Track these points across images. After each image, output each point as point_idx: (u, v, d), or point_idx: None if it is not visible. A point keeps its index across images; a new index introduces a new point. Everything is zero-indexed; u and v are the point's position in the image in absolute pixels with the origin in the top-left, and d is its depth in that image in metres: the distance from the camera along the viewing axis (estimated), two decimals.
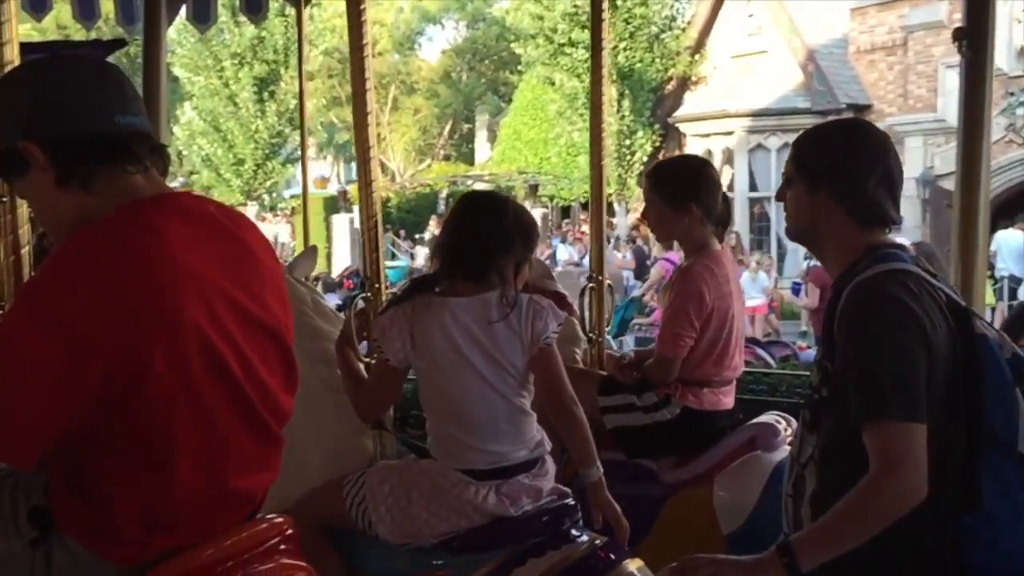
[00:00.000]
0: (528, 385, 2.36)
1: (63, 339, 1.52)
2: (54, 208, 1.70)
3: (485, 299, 2.31)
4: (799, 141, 2.15)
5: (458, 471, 2.31)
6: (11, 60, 2.00)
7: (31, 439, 1.56)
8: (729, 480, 3.14)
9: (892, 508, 1.81)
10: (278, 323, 1.79)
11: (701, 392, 3.19)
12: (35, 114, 1.64)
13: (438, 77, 25.84)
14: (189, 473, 1.66)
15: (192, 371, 1.61)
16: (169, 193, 1.73)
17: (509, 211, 2.38)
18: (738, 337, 3.25)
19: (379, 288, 2.78)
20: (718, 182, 3.26)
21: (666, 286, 3.35)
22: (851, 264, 2.01)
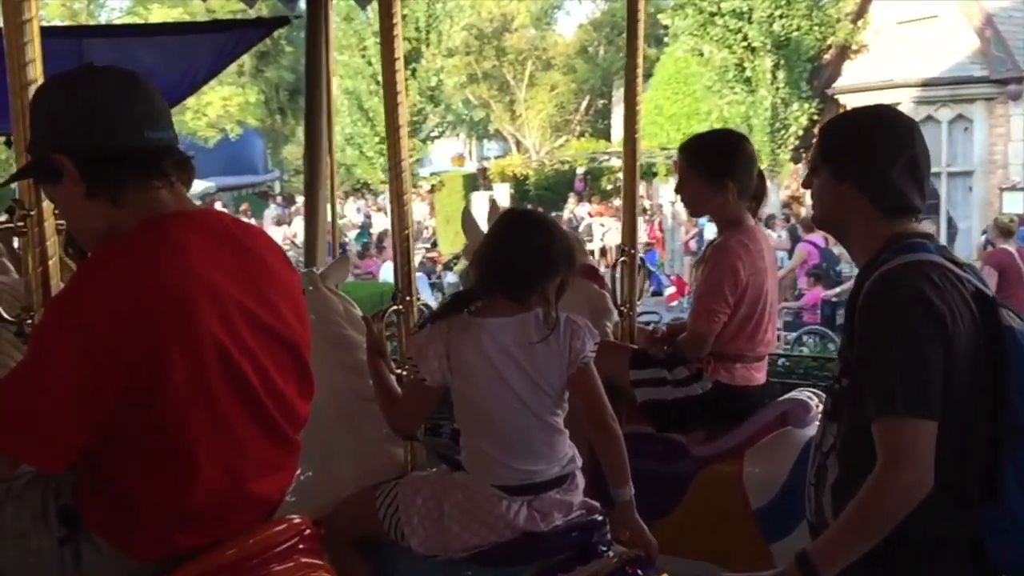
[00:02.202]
0: (563, 403, 2.42)
1: (89, 348, 1.63)
2: (83, 217, 1.83)
3: (524, 319, 2.37)
4: (825, 128, 2.21)
5: (491, 486, 2.38)
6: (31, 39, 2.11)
7: (60, 443, 1.68)
8: (759, 455, 3.26)
9: (899, 504, 1.87)
10: (292, 333, 1.89)
11: (733, 367, 3.30)
12: (68, 127, 1.76)
13: (575, 52, 25.93)
14: (208, 475, 1.76)
15: (210, 378, 1.72)
16: (190, 209, 1.84)
17: (557, 233, 2.43)
18: (772, 312, 3.34)
19: (411, 300, 2.85)
20: (754, 157, 3.35)
21: (699, 261, 3.48)
22: (875, 254, 2.05)
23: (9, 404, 1.67)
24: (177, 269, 1.71)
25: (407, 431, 2.69)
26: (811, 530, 2.16)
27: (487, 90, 25.18)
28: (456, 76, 25.64)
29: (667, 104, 23.25)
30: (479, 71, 25.48)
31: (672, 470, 3.35)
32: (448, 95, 26.12)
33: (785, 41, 19.89)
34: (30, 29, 2.05)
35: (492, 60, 24.22)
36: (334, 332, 2.77)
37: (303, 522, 2.02)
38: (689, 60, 21.78)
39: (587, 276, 3.24)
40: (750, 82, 20.37)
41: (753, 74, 20.28)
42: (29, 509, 1.91)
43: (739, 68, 20.40)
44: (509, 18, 25.67)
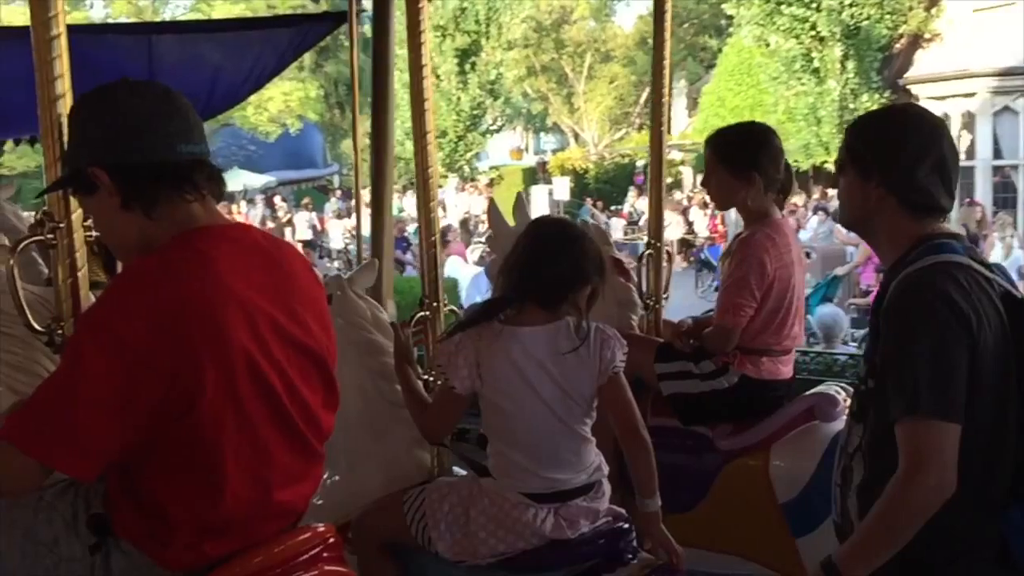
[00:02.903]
0: (592, 413, 2.45)
1: (123, 361, 1.68)
2: (117, 229, 1.88)
3: (555, 328, 2.40)
4: (851, 127, 2.20)
5: (518, 493, 2.41)
6: (59, 54, 2.17)
7: (94, 453, 1.72)
8: (786, 449, 3.29)
9: (921, 506, 1.88)
10: (319, 345, 1.94)
11: (760, 361, 3.33)
12: (104, 141, 1.81)
13: (634, 44, 25.83)
14: (237, 485, 1.82)
15: (239, 391, 1.77)
16: (221, 223, 1.90)
17: (588, 242, 2.45)
18: (799, 306, 3.36)
19: (437, 307, 2.86)
20: (781, 150, 3.37)
21: (725, 254, 3.51)
22: (902, 254, 2.06)
23: (43, 413, 1.72)
24: (209, 283, 1.76)
25: (437, 437, 2.73)
26: (837, 530, 2.18)
27: (545, 83, 25.23)
28: (515, 69, 25.71)
29: (730, 96, 23.03)
30: (537, 64, 25.55)
31: (698, 464, 3.39)
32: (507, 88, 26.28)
33: (855, 30, 19.59)
34: (58, 44, 2.11)
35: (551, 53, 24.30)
36: (361, 337, 2.82)
37: (327, 530, 2.08)
38: (753, 51, 21.55)
39: (614, 269, 3.26)
40: (818, 72, 20.10)
41: (821, 64, 20.01)
42: (60, 518, 1.97)
43: (807, 58, 20.13)
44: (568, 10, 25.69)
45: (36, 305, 2.28)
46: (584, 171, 23.62)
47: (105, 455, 1.74)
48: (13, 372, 2.46)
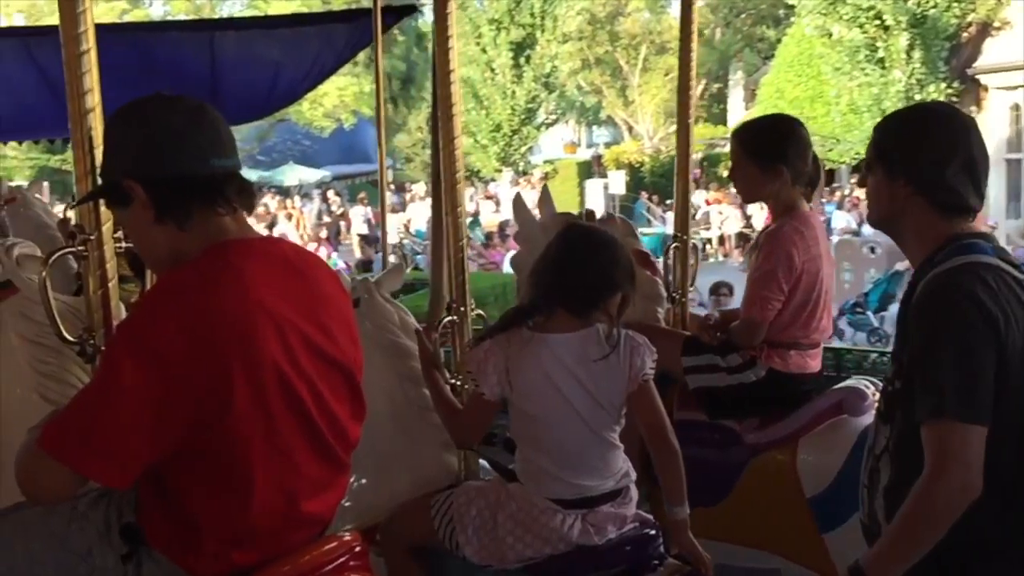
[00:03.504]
0: (621, 420, 2.47)
1: (156, 372, 1.72)
2: (150, 241, 1.93)
3: (585, 336, 2.41)
4: (879, 126, 2.20)
5: (546, 499, 2.44)
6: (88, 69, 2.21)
7: (127, 463, 1.77)
8: (814, 444, 3.29)
9: (947, 508, 1.89)
10: (347, 358, 1.98)
11: (788, 354, 3.34)
12: (139, 155, 1.86)
13: None
14: (265, 495, 1.86)
15: (269, 403, 1.81)
16: (252, 237, 1.95)
17: (619, 250, 2.47)
18: (827, 300, 3.36)
19: (465, 311, 2.90)
20: (808, 143, 3.37)
21: (752, 248, 3.52)
22: (930, 254, 2.06)
23: (77, 423, 1.77)
24: (241, 298, 1.80)
25: (468, 443, 2.77)
26: (864, 531, 2.20)
27: (599, 76, 25.19)
28: (570, 62, 25.72)
29: (789, 87, 22.76)
30: (591, 56, 25.52)
31: (724, 457, 3.40)
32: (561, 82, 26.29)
33: (921, 18, 19.29)
34: (88, 59, 2.17)
35: (605, 45, 24.26)
36: (389, 340, 2.87)
37: (353, 539, 2.13)
38: (814, 41, 21.28)
39: (640, 262, 3.26)
40: (883, 62, 19.82)
41: (886, 54, 19.72)
42: (93, 527, 2.01)
43: (871, 48, 19.86)
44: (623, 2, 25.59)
45: (67, 315, 2.35)
46: (639, 165, 23.55)
47: (138, 464, 1.78)
48: (46, 381, 2.55)
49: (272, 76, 6.94)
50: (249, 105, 7.09)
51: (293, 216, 22.71)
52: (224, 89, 6.89)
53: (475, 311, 2.91)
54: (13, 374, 2.60)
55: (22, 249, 2.66)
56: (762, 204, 4.14)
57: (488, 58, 24.80)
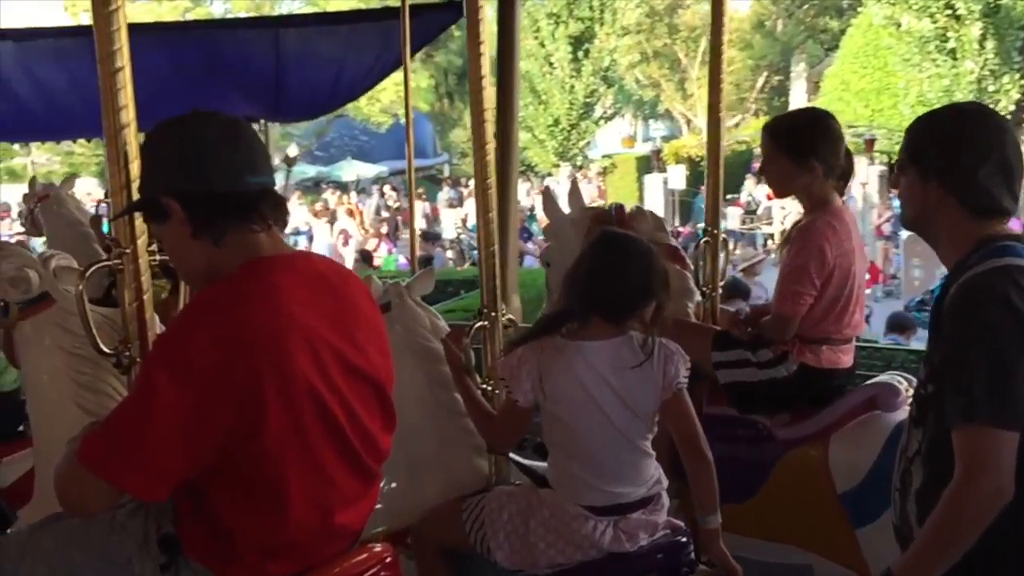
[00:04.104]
0: (653, 427, 2.51)
1: (192, 389, 1.77)
2: (187, 255, 1.98)
3: (620, 343, 2.45)
4: (912, 127, 2.21)
5: (578, 505, 2.48)
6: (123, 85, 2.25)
7: (162, 477, 1.82)
8: (846, 439, 3.28)
9: (978, 513, 1.89)
10: (377, 371, 2.04)
11: (819, 350, 3.34)
12: (176, 172, 1.92)
13: (751, 27, 25.32)
14: (300, 509, 1.92)
15: (302, 419, 1.86)
16: (285, 253, 2.00)
17: (654, 257, 2.49)
18: (859, 294, 3.35)
19: (496, 316, 2.92)
20: (840, 136, 3.36)
21: (783, 242, 3.52)
22: (963, 257, 2.06)
23: (114, 438, 1.83)
24: (275, 315, 1.85)
25: (503, 449, 2.81)
26: (896, 533, 2.22)
27: (658, 69, 25.03)
28: (628, 55, 25.61)
29: (854, 79, 22.41)
30: (649, 50, 25.38)
31: (755, 453, 3.42)
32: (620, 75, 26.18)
33: (995, 8, 18.91)
34: (123, 77, 2.22)
35: (664, 38, 24.10)
36: (419, 345, 2.91)
37: (384, 550, 2.20)
38: (881, 31, 20.93)
39: (669, 256, 3.27)
40: (954, 53, 19.45)
41: (958, 44, 19.35)
42: (132, 538, 2.07)
43: (942, 38, 19.48)
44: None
45: (104, 326, 2.43)
46: (699, 159, 23.30)
47: (172, 478, 1.83)
48: (83, 391, 2.65)
49: (335, 73, 7.04)
50: (312, 102, 7.21)
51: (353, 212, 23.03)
52: (288, 86, 7.13)
53: (506, 315, 2.95)
54: (52, 384, 2.70)
55: (59, 261, 2.76)
56: None
57: (546, 52, 24.80)
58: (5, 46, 6.46)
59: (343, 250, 19.96)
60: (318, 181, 29.32)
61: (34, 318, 2.73)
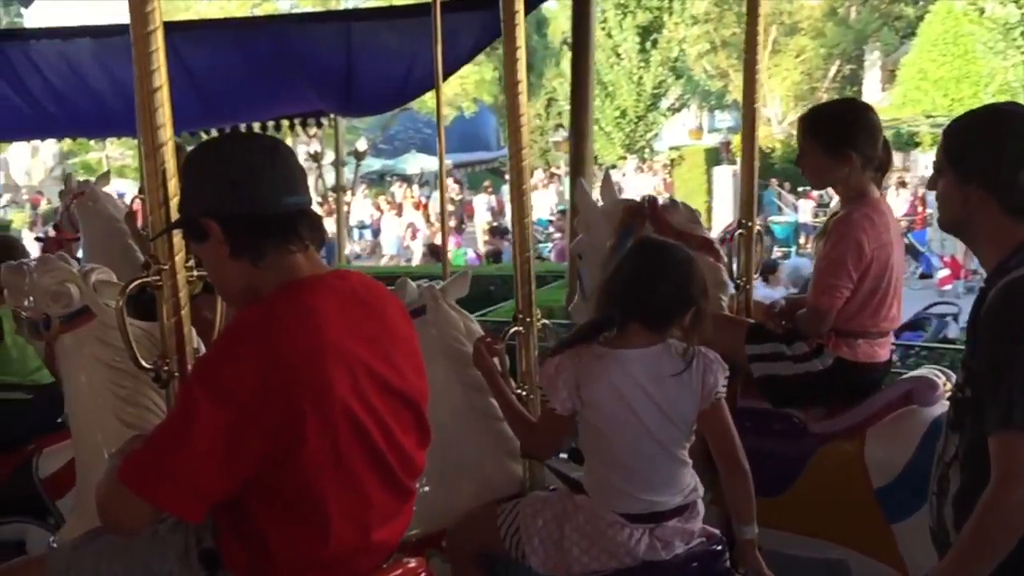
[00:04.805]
0: (691, 436, 2.53)
1: (231, 411, 1.81)
2: (225, 275, 2.03)
3: (658, 352, 2.47)
4: (949, 129, 2.19)
5: (613, 512, 2.51)
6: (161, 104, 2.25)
7: (201, 497, 1.86)
8: (882, 434, 3.29)
9: (1014, 521, 1.90)
10: (412, 389, 2.08)
11: (856, 343, 3.34)
12: (216, 194, 1.96)
13: (823, 14, 24.84)
14: (338, 527, 1.96)
15: (339, 439, 1.90)
16: (322, 273, 2.03)
17: (693, 264, 2.51)
18: (897, 287, 3.34)
19: (531, 321, 2.95)
20: (878, 127, 3.35)
21: (820, 234, 3.52)
22: (1003, 260, 2.05)
23: (155, 458, 1.87)
24: (312, 338, 1.89)
25: (543, 458, 2.84)
26: (932, 537, 2.22)
27: (725, 59, 24.71)
28: (697, 45, 25.36)
29: (932, 67, 21.89)
30: (718, 39, 25.07)
31: (789, 447, 3.42)
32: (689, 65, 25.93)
33: None
34: (160, 96, 2.24)
35: (733, 27, 23.76)
36: (454, 348, 2.94)
37: (419, 564, 2.25)
38: (961, 18, 20.42)
39: (703, 249, 3.32)
40: None
41: None
42: (173, 551, 2.13)
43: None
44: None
45: (143, 340, 2.48)
46: (770, 151, 22.98)
47: (211, 498, 1.88)
48: (122, 404, 2.74)
49: (407, 66, 7.06)
50: (383, 96, 7.21)
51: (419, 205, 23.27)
52: (359, 80, 7.16)
53: (540, 320, 2.97)
54: (91, 397, 2.79)
55: (99, 275, 2.85)
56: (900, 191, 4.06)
57: (614, 43, 24.68)
58: (83, 43, 6.68)
59: (411, 243, 20.20)
60: (383, 174, 29.70)
61: (75, 331, 2.81)
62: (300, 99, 8.35)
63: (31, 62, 7.53)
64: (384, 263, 19.77)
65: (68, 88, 7.16)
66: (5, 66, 7.66)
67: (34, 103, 7.74)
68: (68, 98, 7.23)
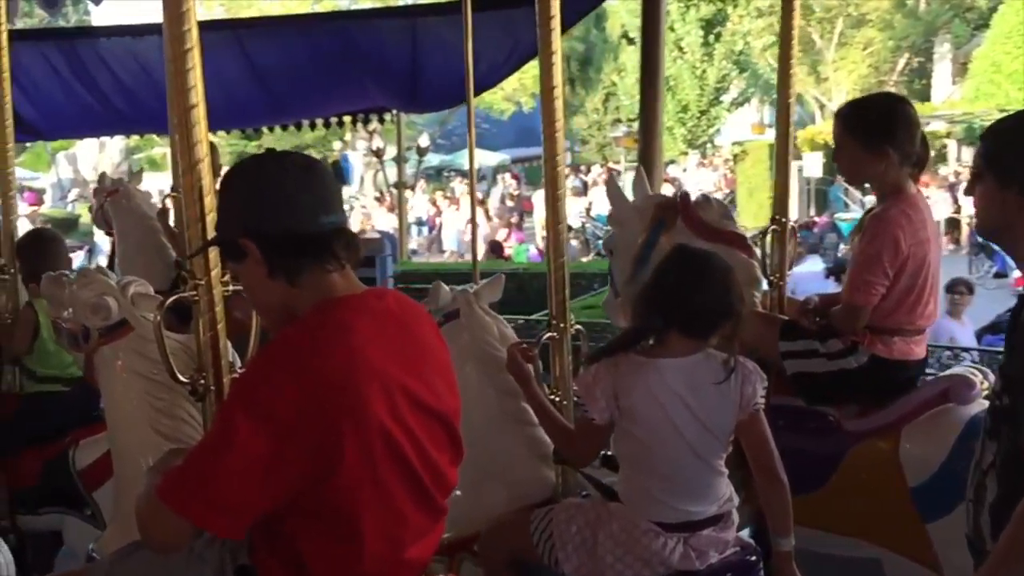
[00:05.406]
0: (728, 446, 2.55)
1: (269, 430, 1.84)
2: (263, 294, 2.06)
3: (697, 361, 2.48)
4: (988, 133, 2.18)
5: (648, 521, 2.52)
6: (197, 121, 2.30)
7: (240, 516, 1.90)
8: (918, 432, 3.28)
9: None
10: (446, 407, 2.11)
11: (891, 341, 3.33)
12: (253, 214, 1.99)
13: (892, 5, 24.38)
14: (373, 545, 1.98)
15: (375, 459, 1.92)
16: (358, 292, 2.06)
17: (733, 272, 2.54)
18: (933, 284, 3.33)
19: (564, 327, 2.96)
20: (916, 122, 3.34)
21: (856, 230, 3.51)
22: None
23: (195, 477, 1.90)
24: (348, 358, 1.92)
25: (580, 466, 2.85)
26: (969, 545, 2.24)
27: None
28: (761, 39, 25.11)
29: (1007, 60, 21.36)
30: None
31: (822, 445, 3.42)
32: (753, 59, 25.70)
33: None
34: (196, 114, 2.29)
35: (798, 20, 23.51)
36: (487, 353, 2.97)
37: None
38: None
39: (735, 245, 3.35)
40: None
41: None
42: (209, 567, 2.15)
43: None
44: None
45: (179, 353, 2.55)
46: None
47: (249, 517, 1.92)
48: (159, 416, 2.82)
49: (473, 60, 7.24)
50: (448, 92, 7.26)
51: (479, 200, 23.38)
52: (423, 77, 7.32)
53: (574, 326, 2.99)
54: (129, 408, 2.87)
55: (136, 288, 2.95)
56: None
57: (676, 36, 24.57)
58: (152, 40, 6.86)
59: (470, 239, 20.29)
60: (440, 169, 29.88)
61: (113, 344, 2.91)
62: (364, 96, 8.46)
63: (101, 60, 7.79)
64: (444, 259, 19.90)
65: (137, 85, 7.38)
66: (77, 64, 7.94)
67: (104, 100, 8.00)
68: (136, 94, 7.46)
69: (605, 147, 28.71)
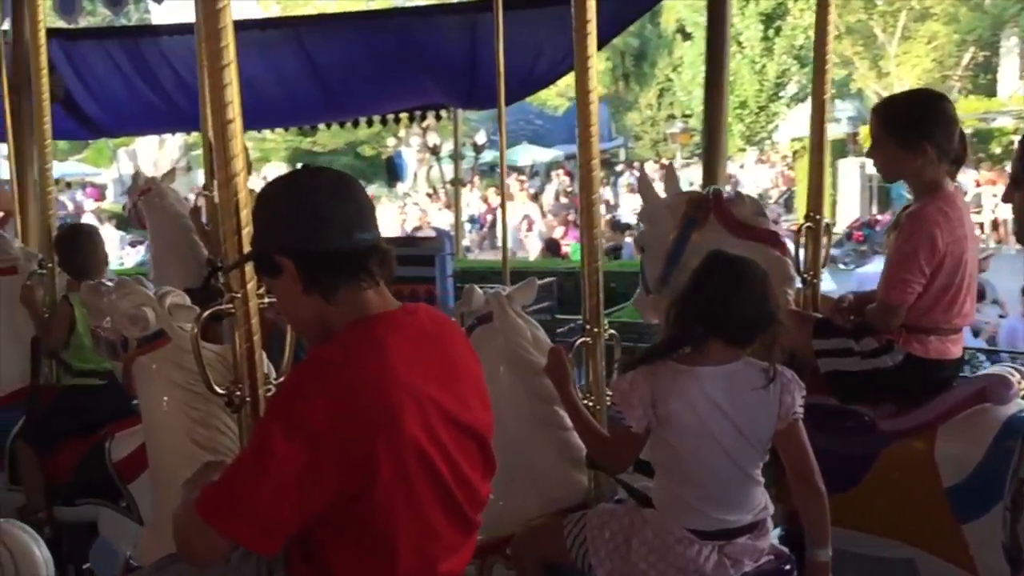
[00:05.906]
0: (766, 456, 2.56)
1: (307, 446, 1.86)
2: (298, 310, 2.08)
3: (736, 369, 2.50)
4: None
5: (683, 528, 2.54)
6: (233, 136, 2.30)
7: (276, 532, 1.93)
8: (954, 432, 3.27)
9: None
10: (479, 422, 2.13)
11: (927, 339, 3.32)
12: (288, 231, 2.00)
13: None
14: (407, 560, 2.00)
15: (410, 477, 1.94)
16: (392, 309, 2.08)
17: (769, 279, 2.55)
18: (970, 283, 3.31)
19: (598, 332, 2.96)
20: (954, 118, 3.31)
21: (892, 227, 3.49)
22: None
23: (232, 493, 1.94)
24: (383, 376, 1.95)
25: (616, 473, 2.85)
26: (1005, 553, 2.19)
27: (851, 45, 24.05)
28: None
29: None
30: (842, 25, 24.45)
31: (857, 444, 3.42)
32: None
33: None
34: (233, 128, 2.30)
35: (859, 13, 23.10)
36: (520, 357, 3.00)
37: None
38: None
39: (768, 242, 3.36)
40: None
41: None
42: None
43: None
44: None
45: (216, 364, 2.60)
46: None
47: (285, 532, 1.95)
48: (195, 426, 2.87)
49: (532, 59, 7.15)
50: (506, 89, 7.39)
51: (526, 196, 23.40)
52: (481, 74, 7.32)
53: (608, 331, 2.99)
54: (166, 418, 2.94)
55: (173, 299, 3.03)
56: None
57: (735, 31, 24.35)
58: None
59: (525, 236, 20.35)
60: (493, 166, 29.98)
61: (151, 354, 2.97)
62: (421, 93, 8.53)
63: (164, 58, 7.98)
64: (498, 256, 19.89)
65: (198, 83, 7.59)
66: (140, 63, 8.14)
67: (166, 97, 8.20)
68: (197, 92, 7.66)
69: (659, 143, 28.56)
